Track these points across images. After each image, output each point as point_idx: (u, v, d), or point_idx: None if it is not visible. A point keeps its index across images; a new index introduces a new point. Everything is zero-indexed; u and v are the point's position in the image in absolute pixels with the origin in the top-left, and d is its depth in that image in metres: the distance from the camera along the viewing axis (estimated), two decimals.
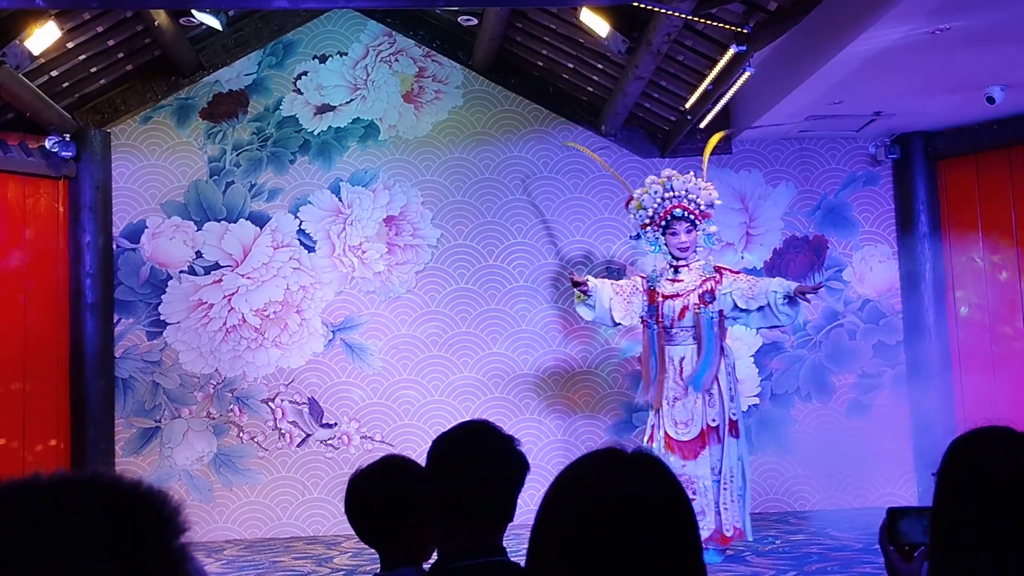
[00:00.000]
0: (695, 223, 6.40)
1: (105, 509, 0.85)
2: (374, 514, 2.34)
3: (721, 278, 6.42)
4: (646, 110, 7.88)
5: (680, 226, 6.39)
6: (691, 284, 6.41)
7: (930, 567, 1.69)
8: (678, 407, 6.28)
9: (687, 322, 6.36)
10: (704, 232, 6.48)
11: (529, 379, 7.98)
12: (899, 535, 1.93)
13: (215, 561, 6.87)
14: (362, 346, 7.96)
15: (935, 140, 7.93)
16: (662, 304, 6.42)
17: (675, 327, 6.39)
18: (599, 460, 1.23)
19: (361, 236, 8.00)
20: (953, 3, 5.11)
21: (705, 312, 6.32)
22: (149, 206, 7.92)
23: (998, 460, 1.55)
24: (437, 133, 8.14)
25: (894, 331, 8.06)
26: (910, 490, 7.89)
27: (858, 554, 6.18)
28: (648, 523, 1.16)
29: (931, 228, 7.96)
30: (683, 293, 6.40)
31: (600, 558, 1.15)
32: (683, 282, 6.43)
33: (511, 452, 2.17)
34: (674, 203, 6.37)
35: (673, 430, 6.27)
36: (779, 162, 8.17)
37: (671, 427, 6.28)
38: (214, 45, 7.91)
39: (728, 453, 6.21)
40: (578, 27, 6.76)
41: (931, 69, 6.27)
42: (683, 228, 6.39)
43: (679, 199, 6.37)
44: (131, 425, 7.76)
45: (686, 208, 6.37)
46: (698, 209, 6.39)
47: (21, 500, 0.85)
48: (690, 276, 6.44)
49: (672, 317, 6.39)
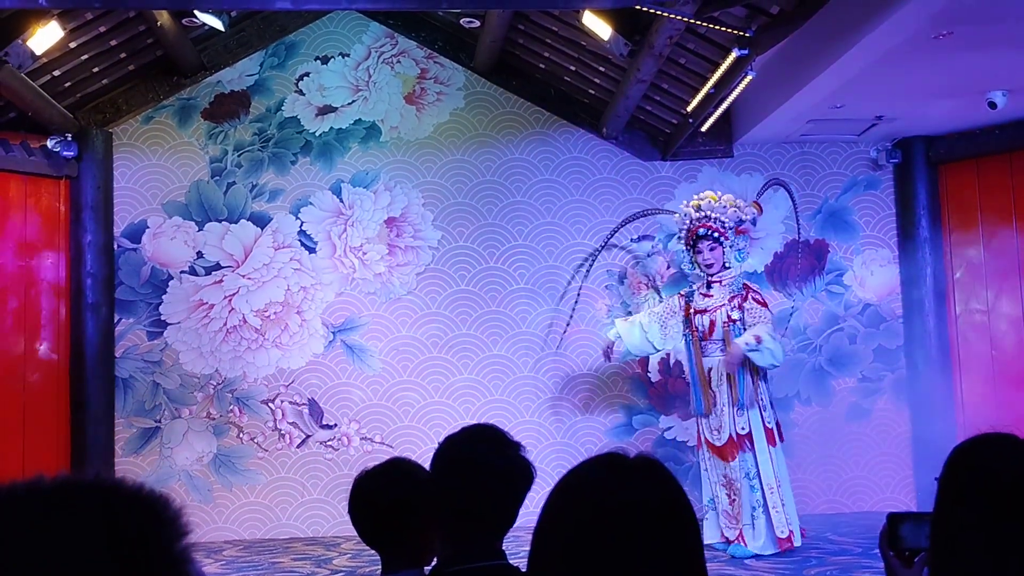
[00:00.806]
0: (720, 241, 6.68)
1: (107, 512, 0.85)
2: (378, 516, 2.34)
3: (747, 296, 6.67)
4: (648, 113, 7.88)
5: (704, 244, 6.71)
6: (720, 300, 6.70)
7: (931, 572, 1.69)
8: (712, 415, 6.61)
9: (717, 336, 6.67)
10: (733, 248, 6.74)
11: (529, 381, 7.98)
12: (899, 540, 1.93)
13: (214, 562, 6.87)
14: (362, 347, 7.96)
15: (936, 145, 7.93)
16: (694, 317, 6.76)
17: (706, 340, 6.71)
18: (601, 465, 1.23)
19: (362, 237, 8.01)
20: (955, 8, 5.11)
21: (734, 328, 6.59)
22: (150, 206, 7.93)
23: (1001, 466, 1.55)
24: (438, 135, 8.14)
25: (894, 335, 8.06)
26: (909, 495, 7.88)
27: (857, 558, 6.18)
28: (650, 528, 1.16)
29: (932, 233, 7.95)
30: (711, 309, 6.70)
31: (602, 563, 1.15)
32: (713, 297, 6.73)
33: (517, 459, 2.16)
34: (699, 223, 6.70)
35: (709, 435, 6.63)
36: (780, 166, 8.18)
37: (708, 432, 6.64)
38: (216, 45, 7.91)
39: (763, 460, 6.47)
40: (580, 29, 6.77)
41: (933, 74, 6.27)
42: (706, 246, 6.71)
43: (704, 219, 6.69)
44: (131, 425, 7.76)
45: (710, 227, 6.68)
46: (723, 227, 6.67)
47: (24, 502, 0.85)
48: (720, 292, 6.72)
49: (703, 331, 6.71)
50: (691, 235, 6.73)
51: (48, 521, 0.83)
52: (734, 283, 6.71)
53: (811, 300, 8.09)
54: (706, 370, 6.65)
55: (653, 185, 8.11)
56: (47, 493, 0.85)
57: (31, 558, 0.81)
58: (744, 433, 6.48)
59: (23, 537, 0.82)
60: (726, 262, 6.72)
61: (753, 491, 6.45)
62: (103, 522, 0.84)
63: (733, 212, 6.69)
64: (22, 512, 0.84)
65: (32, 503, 0.85)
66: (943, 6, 5.07)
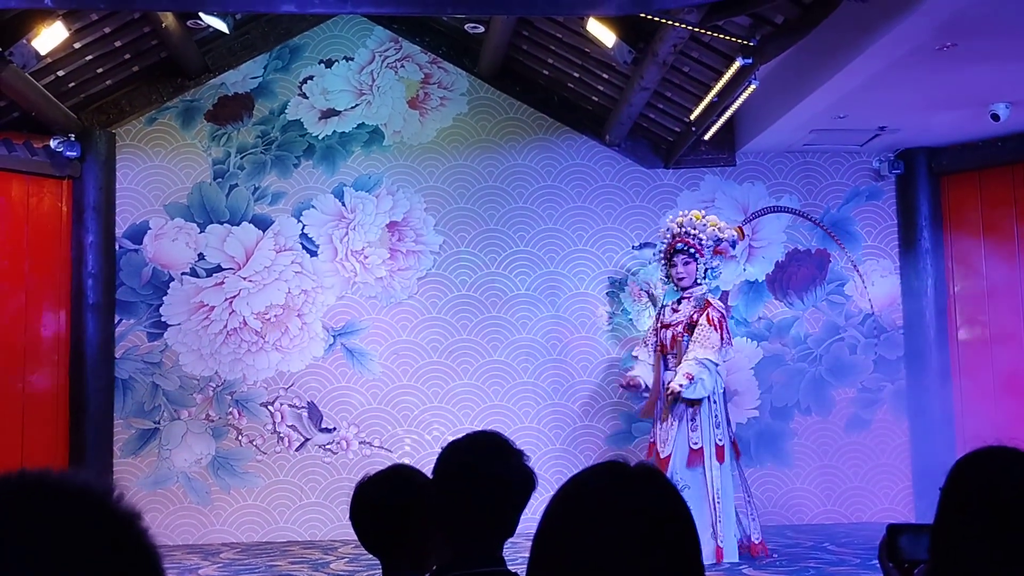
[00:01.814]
0: (695, 256, 6.75)
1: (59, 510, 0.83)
2: (379, 522, 2.34)
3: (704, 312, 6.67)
4: (651, 121, 7.89)
5: (679, 258, 6.78)
6: (683, 316, 6.76)
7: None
8: (662, 427, 6.67)
9: (677, 350, 6.71)
10: (706, 266, 6.80)
11: (528, 387, 7.97)
12: (899, 551, 1.93)
13: (211, 564, 6.86)
14: (362, 351, 7.96)
15: (939, 156, 7.94)
16: (660, 332, 6.85)
17: (667, 354, 6.77)
18: (601, 473, 1.23)
19: (364, 241, 8.01)
20: (959, 20, 5.12)
21: (687, 339, 6.65)
22: (152, 207, 7.93)
23: (1004, 479, 1.54)
24: (441, 140, 8.15)
25: (895, 346, 8.05)
26: (908, 506, 7.88)
27: (855, 569, 6.17)
28: (650, 537, 1.16)
29: (933, 244, 7.96)
30: (675, 323, 6.77)
31: (601, 571, 1.14)
32: (679, 312, 6.79)
33: (519, 467, 2.16)
34: (678, 239, 6.78)
35: (660, 446, 6.67)
36: (783, 175, 8.18)
37: (660, 444, 6.68)
38: (220, 48, 7.92)
39: (713, 476, 6.52)
40: (584, 37, 6.77)
41: (936, 85, 6.28)
42: (680, 260, 6.78)
43: (683, 235, 6.76)
44: (130, 426, 7.76)
45: (687, 242, 6.75)
46: (700, 244, 6.74)
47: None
48: (687, 307, 6.78)
49: (666, 345, 6.78)
50: (669, 249, 6.82)
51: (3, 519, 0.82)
52: (699, 299, 6.75)
53: (812, 309, 8.09)
54: (665, 383, 6.68)
55: (655, 193, 8.12)
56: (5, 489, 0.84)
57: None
58: (696, 448, 6.53)
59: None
60: (697, 278, 6.77)
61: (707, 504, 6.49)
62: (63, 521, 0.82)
63: (712, 231, 6.76)
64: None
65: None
66: (947, 18, 5.08)
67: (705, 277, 6.82)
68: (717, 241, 6.81)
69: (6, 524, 0.81)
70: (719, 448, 6.56)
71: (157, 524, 7.71)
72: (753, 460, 7.93)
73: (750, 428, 7.97)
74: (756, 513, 6.81)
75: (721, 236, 6.81)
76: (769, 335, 8.07)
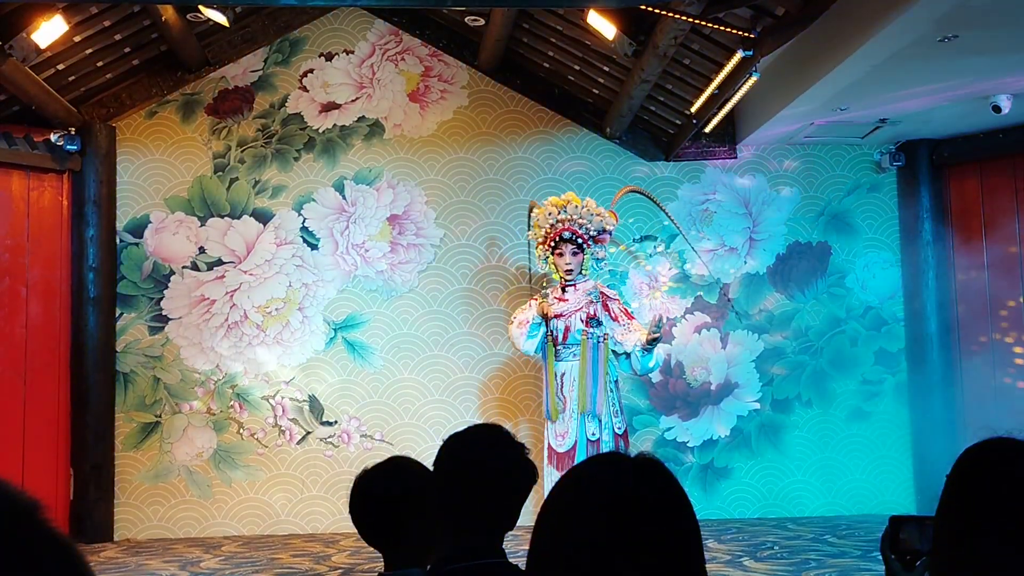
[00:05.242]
0: (582, 247, 6.67)
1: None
2: (378, 514, 2.34)
3: (605, 306, 6.65)
4: (651, 113, 7.88)
5: (566, 248, 6.68)
6: (575, 305, 6.67)
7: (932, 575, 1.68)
8: (558, 420, 6.57)
9: (571, 341, 6.63)
10: (592, 257, 6.74)
11: (530, 380, 7.97)
12: (901, 543, 1.93)
13: (213, 557, 6.87)
14: (363, 344, 7.96)
15: (940, 148, 7.93)
16: (548, 322, 6.69)
17: (559, 345, 6.65)
18: (602, 464, 1.23)
19: (364, 234, 8.01)
20: (961, 12, 5.10)
21: (592, 335, 6.58)
22: (153, 201, 7.93)
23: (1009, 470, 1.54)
24: (442, 133, 8.14)
25: (896, 338, 8.05)
26: (909, 498, 7.88)
27: (856, 561, 6.18)
28: (650, 527, 1.16)
29: (935, 236, 7.95)
30: (567, 314, 6.66)
31: (602, 561, 1.14)
32: (568, 302, 6.69)
33: (520, 460, 2.17)
34: (564, 226, 6.65)
35: (554, 441, 6.57)
36: (784, 168, 8.17)
37: (552, 438, 6.59)
38: (221, 41, 7.91)
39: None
40: (585, 29, 6.76)
41: (937, 77, 6.27)
42: (569, 250, 6.68)
43: (570, 223, 6.64)
44: (131, 419, 7.77)
45: (575, 232, 6.64)
46: (587, 234, 6.66)
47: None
48: (575, 297, 6.69)
49: (557, 335, 6.66)
50: (554, 234, 6.67)
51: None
52: (593, 290, 6.70)
53: (813, 302, 8.09)
54: (558, 375, 6.61)
55: (656, 185, 8.11)
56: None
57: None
58: (594, 440, 6.46)
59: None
60: (584, 269, 6.73)
61: None
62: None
63: (598, 221, 6.68)
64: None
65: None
66: (948, 10, 5.07)
67: (590, 268, 6.77)
68: (601, 231, 6.72)
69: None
70: (618, 437, 6.50)
71: (159, 517, 7.72)
72: (754, 452, 7.94)
73: (751, 420, 7.98)
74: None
75: (606, 227, 6.74)
76: (770, 327, 8.06)
